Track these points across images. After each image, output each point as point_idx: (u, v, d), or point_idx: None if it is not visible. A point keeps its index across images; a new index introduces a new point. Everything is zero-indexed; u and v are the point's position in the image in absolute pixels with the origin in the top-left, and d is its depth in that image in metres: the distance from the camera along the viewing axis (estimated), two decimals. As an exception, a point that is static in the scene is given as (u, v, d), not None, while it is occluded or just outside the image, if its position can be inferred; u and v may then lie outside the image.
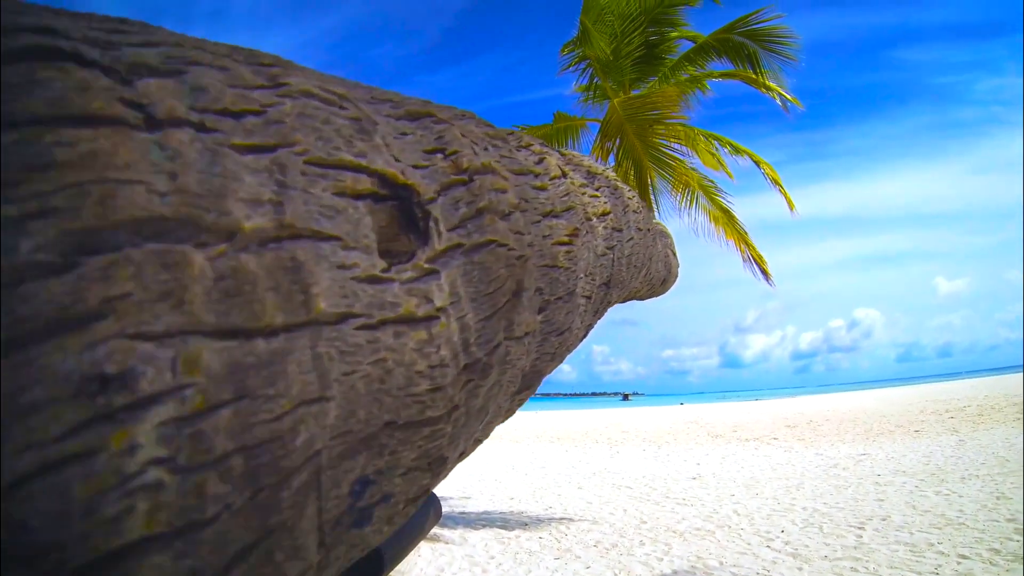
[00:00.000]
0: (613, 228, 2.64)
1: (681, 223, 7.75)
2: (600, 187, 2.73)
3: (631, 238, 2.98)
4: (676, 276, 5.04)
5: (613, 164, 7.12)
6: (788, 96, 6.97)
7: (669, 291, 5.50)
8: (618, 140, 6.93)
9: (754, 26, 6.62)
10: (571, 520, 7.77)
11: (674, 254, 4.98)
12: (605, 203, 2.61)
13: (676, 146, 6.67)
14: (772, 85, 6.94)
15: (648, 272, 3.73)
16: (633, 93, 7.49)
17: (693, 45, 7.36)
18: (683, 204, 7.48)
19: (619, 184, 3.20)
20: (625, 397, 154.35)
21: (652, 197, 7.18)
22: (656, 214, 7.04)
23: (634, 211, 3.21)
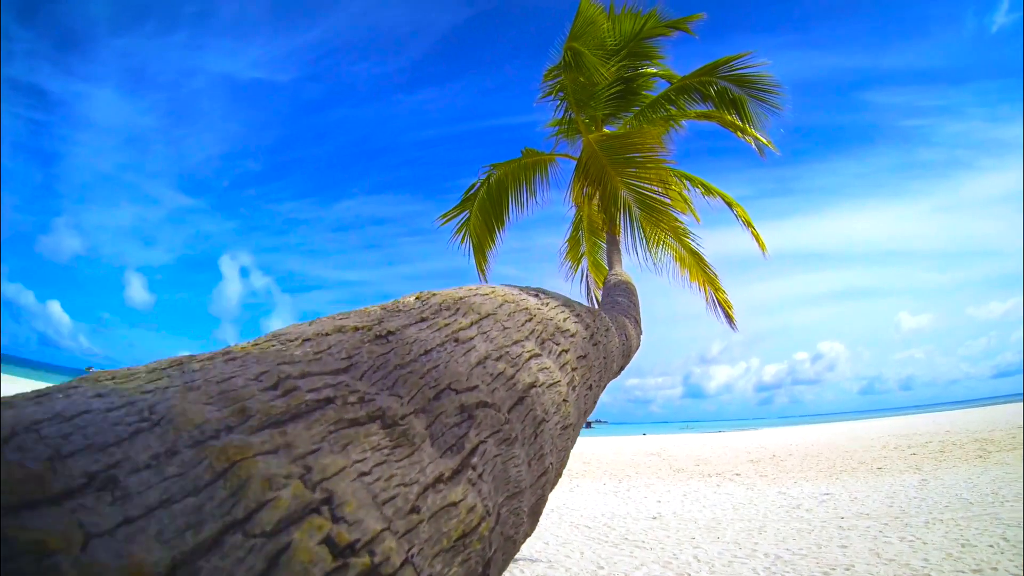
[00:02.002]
0: (581, 383, 2.59)
1: (645, 263, 7.53)
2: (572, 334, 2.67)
3: (597, 367, 2.91)
4: (637, 347, 4.77)
5: (583, 206, 6.93)
6: (765, 141, 6.79)
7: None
8: (594, 178, 6.69)
9: (739, 71, 6.43)
10: (528, 561, 7.49)
11: (637, 322, 4.68)
12: (574, 370, 2.49)
13: (655, 185, 6.43)
14: (751, 131, 6.76)
15: (610, 374, 3.55)
16: (606, 129, 7.30)
17: (671, 84, 7.14)
18: (651, 244, 7.25)
19: (589, 314, 3.10)
20: (588, 424, 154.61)
21: (630, 240, 6.95)
22: (624, 254, 6.81)
23: (601, 338, 3.12)
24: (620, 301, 4.45)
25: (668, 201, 6.44)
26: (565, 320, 2.59)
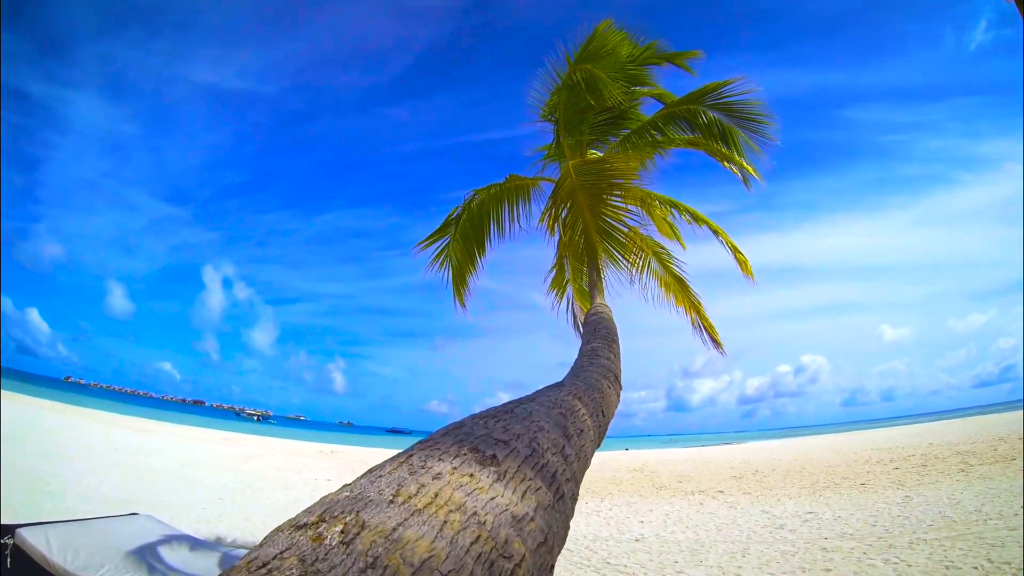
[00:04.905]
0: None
1: (629, 288, 7.44)
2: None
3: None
4: (616, 405, 4.65)
5: (561, 233, 6.84)
6: (751, 170, 6.68)
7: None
8: (569, 205, 6.59)
9: (727, 99, 6.34)
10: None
11: (616, 378, 4.54)
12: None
13: (633, 211, 6.32)
14: (737, 159, 6.66)
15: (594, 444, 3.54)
16: (592, 152, 7.26)
17: (660, 109, 7.02)
18: (634, 269, 7.14)
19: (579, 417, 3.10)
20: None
21: (606, 267, 6.86)
22: (604, 284, 6.73)
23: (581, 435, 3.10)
24: (600, 355, 4.35)
25: (635, 224, 6.37)
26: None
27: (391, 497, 1.94)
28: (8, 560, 4.99)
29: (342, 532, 1.78)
